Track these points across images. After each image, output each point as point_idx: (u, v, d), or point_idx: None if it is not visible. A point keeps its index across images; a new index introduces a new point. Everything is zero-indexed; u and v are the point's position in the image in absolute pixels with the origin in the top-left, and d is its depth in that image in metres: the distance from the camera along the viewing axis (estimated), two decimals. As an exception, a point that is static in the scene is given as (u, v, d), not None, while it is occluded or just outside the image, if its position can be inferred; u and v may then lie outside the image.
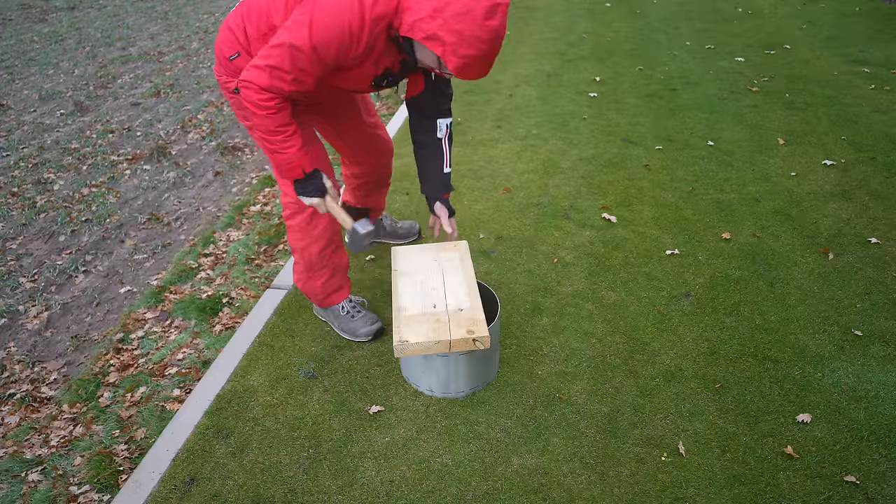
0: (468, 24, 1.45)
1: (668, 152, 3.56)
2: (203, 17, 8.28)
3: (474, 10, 1.44)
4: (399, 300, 1.89)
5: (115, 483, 1.86)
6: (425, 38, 1.52)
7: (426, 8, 1.48)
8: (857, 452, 1.78)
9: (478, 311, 1.80)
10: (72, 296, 2.90)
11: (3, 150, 4.37)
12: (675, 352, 2.16)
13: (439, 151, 2.03)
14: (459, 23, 1.45)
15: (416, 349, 1.73)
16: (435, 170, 2.04)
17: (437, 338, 1.72)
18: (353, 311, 2.26)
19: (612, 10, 6.96)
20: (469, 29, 1.46)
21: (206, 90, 5.50)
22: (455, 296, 1.88)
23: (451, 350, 1.74)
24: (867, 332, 2.21)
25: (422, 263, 2.05)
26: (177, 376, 2.27)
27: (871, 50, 5.13)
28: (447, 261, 2.05)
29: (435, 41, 1.51)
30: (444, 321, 1.78)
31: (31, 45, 7.00)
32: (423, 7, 1.49)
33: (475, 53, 1.50)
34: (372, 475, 1.78)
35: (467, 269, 2.00)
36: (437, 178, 2.05)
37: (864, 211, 2.92)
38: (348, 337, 2.26)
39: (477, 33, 1.46)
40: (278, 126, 1.66)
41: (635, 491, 1.70)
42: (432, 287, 1.93)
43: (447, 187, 2.06)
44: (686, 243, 2.74)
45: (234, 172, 4.03)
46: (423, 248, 2.14)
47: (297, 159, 1.72)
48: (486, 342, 1.73)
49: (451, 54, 1.51)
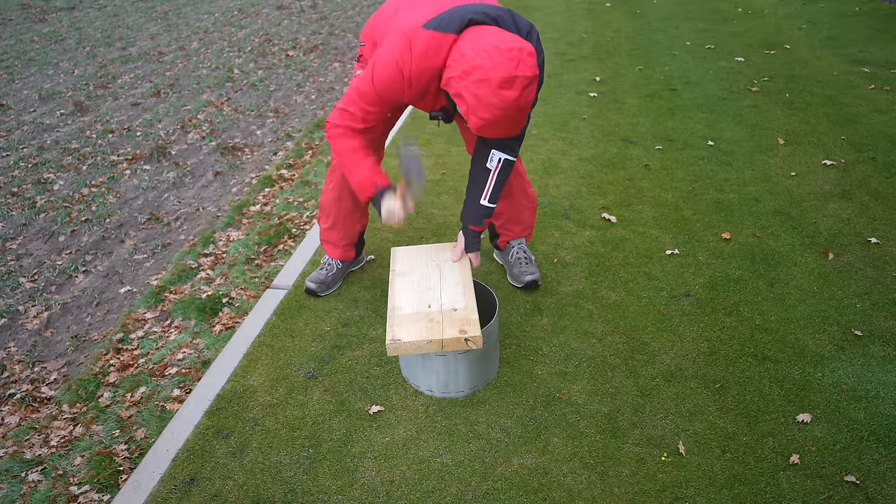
0: (484, 91, 1.57)
1: (668, 152, 3.56)
2: (203, 17, 8.28)
3: (491, 80, 1.55)
4: (394, 299, 1.90)
5: (115, 483, 1.86)
6: (454, 95, 1.67)
7: (458, 68, 1.62)
8: (857, 452, 1.78)
9: (472, 311, 1.80)
10: (72, 296, 2.90)
11: (3, 150, 4.37)
12: (675, 352, 2.16)
13: (483, 180, 2.01)
14: (478, 88, 1.57)
15: (409, 348, 1.74)
16: (473, 196, 2.04)
17: (430, 337, 1.73)
18: (328, 265, 2.50)
19: (612, 10, 6.97)
20: (486, 95, 1.57)
21: (206, 90, 5.50)
22: (450, 296, 1.88)
23: (443, 349, 1.75)
24: (867, 332, 2.21)
25: (420, 264, 2.06)
26: (177, 376, 2.27)
27: (871, 50, 5.13)
28: (445, 262, 2.06)
29: (460, 99, 1.65)
30: (438, 321, 1.79)
31: (31, 45, 7.00)
32: (457, 67, 1.63)
33: (490, 118, 1.61)
34: (372, 475, 1.78)
35: (465, 270, 2.00)
36: (472, 206, 2.04)
37: (864, 211, 2.92)
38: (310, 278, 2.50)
39: (493, 100, 1.57)
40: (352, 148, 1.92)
41: (635, 491, 1.70)
42: (428, 287, 1.93)
43: (479, 219, 2.04)
44: (686, 243, 2.74)
45: (234, 172, 4.04)
46: (422, 248, 2.15)
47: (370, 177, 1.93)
48: (479, 342, 1.73)
49: (471, 114, 1.63)
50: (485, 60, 1.55)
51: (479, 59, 1.57)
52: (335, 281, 2.51)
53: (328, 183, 2.33)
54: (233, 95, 5.39)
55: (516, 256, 2.50)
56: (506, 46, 1.55)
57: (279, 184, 3.77)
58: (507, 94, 1.55)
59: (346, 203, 2.33)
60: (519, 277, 2.47)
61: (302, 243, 2.93)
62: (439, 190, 3.24)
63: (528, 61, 1.56)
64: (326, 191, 2.34)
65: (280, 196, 3.58)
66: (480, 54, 1.57)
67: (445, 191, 3.23)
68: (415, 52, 1.69)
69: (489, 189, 2.01)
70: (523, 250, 2.51)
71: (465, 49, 1.61)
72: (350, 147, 1.91)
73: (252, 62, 6.30)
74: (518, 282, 2.47)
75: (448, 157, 3.60)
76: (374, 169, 1.93)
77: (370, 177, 1.93)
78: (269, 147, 4.41)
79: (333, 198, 2.33)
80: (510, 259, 2.51)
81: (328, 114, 4.86)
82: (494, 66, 1.54)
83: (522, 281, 2.46)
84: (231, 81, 5.73)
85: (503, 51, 1.55)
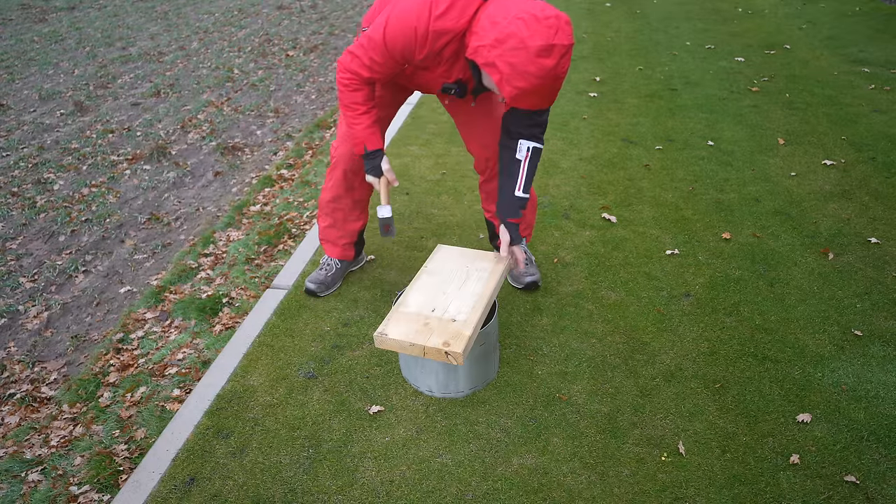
0: (521, 59, 1.55)
1: (668, 152, 3.57)
2: (203, 17, 8.28)
3: (529, 47, 1.53)
4: (407, 295, 1.90)
5: (115, 483, 1.86)
6: (485, 65, 1.63)
7: (489, 37, 1.59)
8: (857, 452, 1.78)
9: (468, 326, 1.76)
10: (72, 296, 2.90)
11: (3, 150, 4.37)
12: (675, 352, 2.16)
13: (515, 172, 1.99)
14: (514, 56, 1.55)
15: (392, 345, 1.75)
16: (507, 189, 2.01)
17: (414, 340, 1.72)
18: (327, 265, 2.51)
19: (612, 10, 6.97)
20: (522, 63, 1.55)
21: (206, 90, 5.50)
22: (458, 306, 1.85)
23: (424, 356, 1.73)
24: (867, 332, 2.21)
25: (452, 267, 2.02)
26: (177, 376, 2.27)
27: (871, 50, 5.13)
28: (477, 270, 2.00)
29: (493, 68, 1.61)
30: (431, 327, 1.77)
31: (31, 45, 7.00)
32: (487, 35, 1.60)
33: (526, 86, 1.60)
34: (372, 475, 1.78)
35: (491, 282, 1.94)
36: (507, 199, 2.01)
37: (864, 211, 2.92)
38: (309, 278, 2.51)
39: (529, 68, 1.56)
40: (352, 102, 1.92)
41: (635, 491, 1.70)
42: (444, 292, 1.91)
43: (515, 211, 2.01)
44: (686, 243, 2.74)
45: (234, 172, 4.04)
46: (464, 252, 2.10)
47: (361, 136, 1.97)
48: (459, 359, 1.68)
49: (505, 83, 1.61)
50: (521, 28, 1.53)
51: (514, 27, 1.54)
52: (335, 281, 2.51)
53: (328, 181, 2.33)
54: (233, 95, 5.39)
55: None
56: (543, 14, 1.54)
57: (279, 184, 3.77)
58: (545, 63, 1.55)
59: (345, 201, 2.34)
60: (519, 278, 2.47)
61: (302, 243, 2.93)
62: (439, 190, 3.24)
63: (565, 30, 1.55)
64: (326, 189, 2.35)
65: (280, 196, 3.58)
66: (515, 22, 1.54)
67: (445, 191, 3.23)
68: (434, 9, 1.66)
69: (522, 179, 1.99)
70: (524, 251, 2.51)
71: (496, 17, 1.58)
72: (352, 100, 1.92)
73: (252, 62, 6.30)
74: (518, 283, 2.48)
75: (448, 157, 3.60)
76: (366, 130, 1.96)
77: (361, 137, 1.98)
78: (269, 147, 4.41)
79: (333, 196, 2.33)
80: None
81: (329, 114, 4.88)
82: (532, 34, 1.52)
83: (523, 282, 2.46)
84: (231, 81, 5.73)
85: (540, 19, 1.53)
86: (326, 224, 2.42)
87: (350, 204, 2.35)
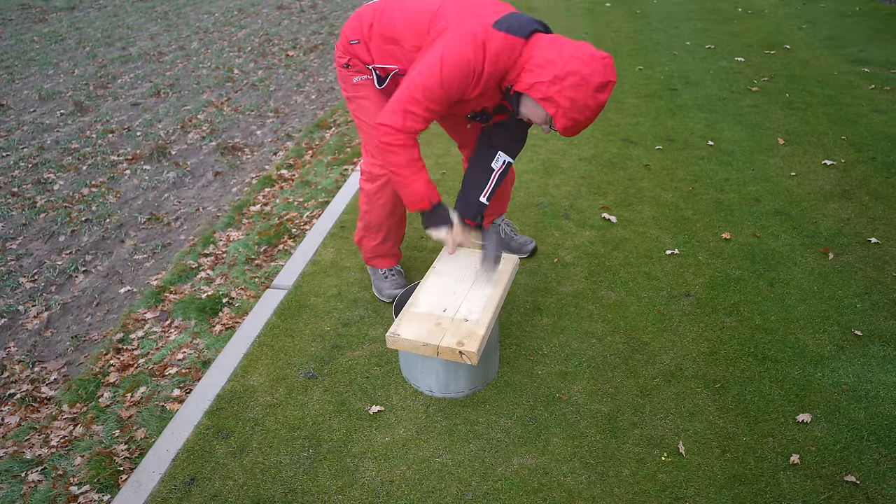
0: (582, 94, 1.68)
1: (668, 152, 3.57)
2: (203, 17, 8.28)
3: (590, 83, 1.66)
4: (417, 294, 1.90)
5: (115, 483, 1.86)
6: (542, 99, 1.73)
7: (548, 74, 1.69)
8: (857, 452, 1.78)
9: (481, 326, 1.77)
10: (72, 296, 2.90)
11: (3, 150, 4.37)
12: (675, 352, 2.16)
13: (485, 178, 2.04)
14: (575, 92, 1.67)
15: (405, 345, 1.75)
16: (472, 193, 2.05)
17: (428, 340, 1.72)
18: (389, 273, 2.46)
19: (612, 10, 6.97)
20: (582, 98, 1.68)
21: (206, 90, 5.50)
22: (469, 306, 1.85)
23: (438, 355, 1.73)
24: (867, 332, 2.21)
25: (461, 268, 2.03)
26: (177, 376, 2.27)
27: (871, 50, 5.13)
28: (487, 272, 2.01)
29: (550, 103, 1.72)
30: (444, 327, 1.77)
31: (31, 45, 7.00)
32: (544, 72, 1.69)
33: (581, 119, 1.73)
34: (372, 475, 1.78)
35: (500, 284, 1.95)
36: (471, 202, 2.05)
37: (864, 211, 2.92)
38: (376, 293, 2.48)
39: (588, 102, 1.69)
40: (410, 160, 1.82)
41: (635, 491, 1.70)
42: (454, 292, 1.91)
43: (475, 216, 2.05)
44: (686, 243, 2.74)
45: (234, 172, 4.04)
46: (470, 252, 2.10)
47: (425, 191, 1.87)
48: (473, 359, 1.70)
49: (562, 116, 1.72)
50: (581, 67, 1.66)
51: (573, 65, 1.66)
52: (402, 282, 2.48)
53: (375, 201, 2.24)
54: (233, 95, 5.39)
55: (507, 232, 2.62)
56: (599, 54, 1.68)
57: (279, 184, 3.77)
58: (601, 97, 1.70)
59: (398, 211, 2.30)
60: (522, 248, 2.61)
61: (302, 243, 2.93)
62: (439, 190, 3.24)
63: (613, 68, 1.71)
64: (373, 209, 2.26)
65: (280, 196, 3.58)
66: (573, 61, 1.66)
67: (445, 191, 3.23)
68: (489, 52, 1.70)
69: (490, 188, 2.05)
70: (508, 224, 2.66)
71: (550, 56, 1.69)
72: (409, 158, 1.82)
73: (252, 62, 6.30)
74: (523, 252, 2.63)
75: (448, 157, 3.60)
76: (428, 184, 1.88)
77: (426, 192, 1.87)
78: (269, 147, 4.41)
79: (387, 213, 2.27)
80: (502, 236, 2.61)
81: (329, 114, 4.88)
82: (592, 72, 1.66)
83: (528, 250, 2.63)
84: (231, 81, 5.73)
85: (597, 58, 1.67)
86: (378, 241, 2.36)
87: (402, 211, 2.32)
